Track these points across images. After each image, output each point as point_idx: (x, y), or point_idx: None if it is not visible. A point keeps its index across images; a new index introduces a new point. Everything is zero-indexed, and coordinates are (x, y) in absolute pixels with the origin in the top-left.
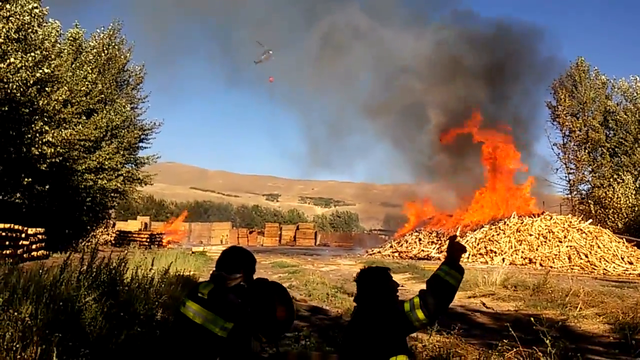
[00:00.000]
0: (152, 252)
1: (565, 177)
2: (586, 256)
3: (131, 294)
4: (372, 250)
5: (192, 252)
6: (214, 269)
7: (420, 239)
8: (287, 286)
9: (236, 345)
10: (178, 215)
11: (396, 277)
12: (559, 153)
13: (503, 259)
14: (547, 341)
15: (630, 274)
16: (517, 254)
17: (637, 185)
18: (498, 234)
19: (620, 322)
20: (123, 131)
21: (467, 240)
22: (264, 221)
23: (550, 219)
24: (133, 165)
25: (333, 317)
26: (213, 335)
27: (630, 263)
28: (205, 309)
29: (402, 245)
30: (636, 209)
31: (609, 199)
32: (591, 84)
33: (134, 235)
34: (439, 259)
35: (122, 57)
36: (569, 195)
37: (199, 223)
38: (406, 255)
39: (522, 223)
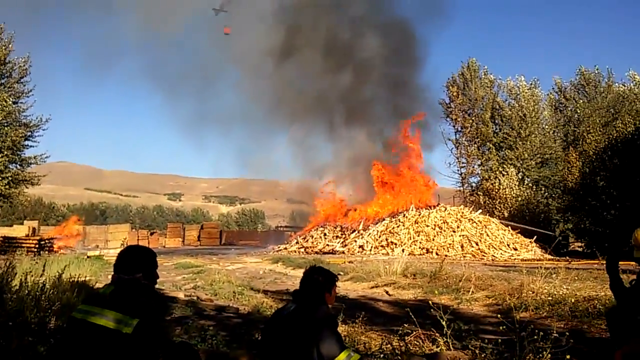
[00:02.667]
0: (43, 258)
1: (458, 170)
2: (477, 244)
3: (21, 303)
4: (279, 247)
5: (88, 257)
6: (113, 272)
7: (325, 234)
8: (192, 287)
9: (143, 341)
10: (70, 218)
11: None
12: (452, 148)
13: (403, 250)
14: (444, 323)
15: (515, 259)
16: (415, 245)
17: (520, 177)
18: (398, 226)
19: (507, 303)
20: (5, 128)
21: (369, 233)
22: (166, 222)
23: (445, 210)
24: (18, 166)
25: (240, 315)
26: (118, 334)
27: (515, 249)
28: (108, 309)
29: (307, 241)
30: (519, 198)
31: (496, 190)
32: (481, 83)
33: (20, 241)
34: (343, 252)
35: (2, 47)
36: (461, 188)
37: (94, 226)
38: (312, 250)
39: (419, 215)
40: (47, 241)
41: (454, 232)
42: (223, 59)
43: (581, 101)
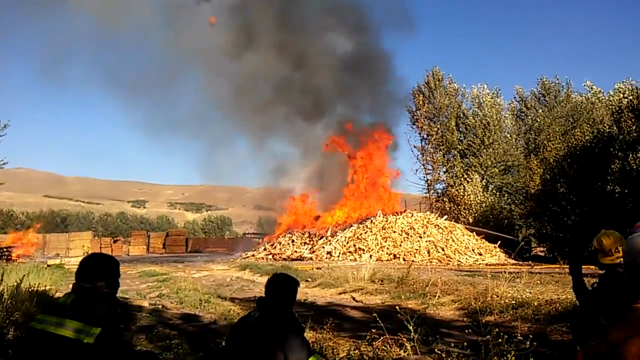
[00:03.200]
0: (0, 267)
1: (424, 177)
2: (443, 249)
3: None
4: (246, 254)
5: (48, 266)
6: (75, 280)
7: (293, 240)
8: (157, 295)
9: (105, 351)
10: (30, 226)
11: None
12: (418, 155)
13: (370, 256)
14: (411, 328)
15: (480, 263)
16: (383, 251)
17: (484, 184)
18: (366, 232)
19: (472, 307)
20: None
21: (337, 240)
22: (130, 229)
23: (411, 216)
24: None
25: (207, 323)
26: (79, 344)
27: (480, 254)
28: (68, 318)
29: (275, 248)
30: (484, 205)
31: (461, 197)
32: (446, 91)
33: None
34: (311, 259)
35: None
36: (427, 194)
37: (55, 234)
38: (280, 257)
39: (387, 221)
40: (4, 250)
41: (421, 237)
42: (181, 60)
43: (541, 110)
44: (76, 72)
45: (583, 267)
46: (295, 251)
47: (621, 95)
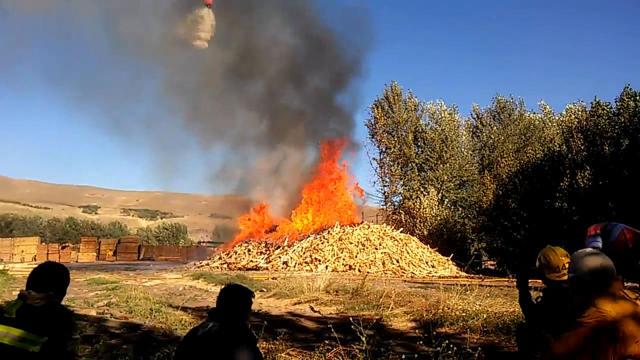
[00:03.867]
0: None
1: (382, 189)
2: (397, 261)
3: None
4: (201, 263)
5: None
6: (25, 288)
7: (249, 250)
8: (105, 304)
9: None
10: None
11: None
12: (376, 167)
13: (326, 266)
14: (363, 339)
15: (432, 275)
16: (339, 261)
17: (440, 198)
18: (322, 243)
19: (424, 319)
20: None
21: (294, 250)
22: (80, 235)
23: (368, 228)
24: None
25: (156, 333)
26: (25, 353)
27: (433, 266)
28: (14, 327)
29: (231, 257)
30: (438, 218)
31: (417, 210)
32: (405, 106)
33: None
34: (267, 268)
35: None
36: (384, 206)
37: None
38: (235, 267)
39: (344, 232)
40: None
41: (376, 249)
42: (135, 61)
43: (496, 127)
44: (23, 70)
45: (530, 281)
46: (251, 261)
47: (572, 116)
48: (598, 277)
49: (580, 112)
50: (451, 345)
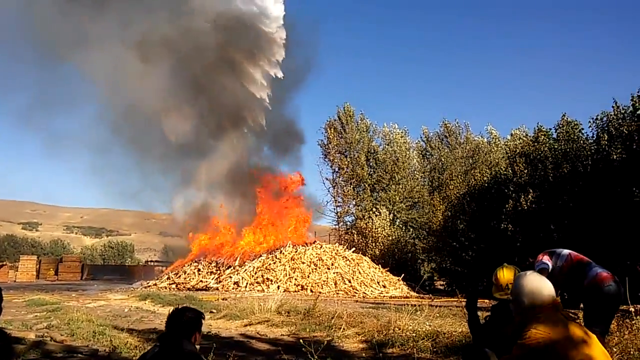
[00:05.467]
0: None
1: (334, 209)
2: (349, 281)
3: None
4: (148, 283)
5: None
6: None
7: (199, 270)
8: (45, 326)
9: None
10: None
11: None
12: (329, 187)
13: (278, 287)
14: None
15: (384, 296)
16: (291, 281)
17: (391, 218)
18: (274, 263)
19: (375, 339)
20: None
21: (245, 270)
22: (19, 253)
23: (321, 247)
24: None
25: (99, 357)
26: None
27: (384, 286)
28: None
29: (180, 277)
30: (390, 238)
31: (369, 230)
32: (357, 127)
33: None
34: (217, 289)
35: None
36: (337, 226)
37: None
38: (184, 287)
39: (296, 252)
40: None
41: (329, 269)
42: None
43: (445, 150)
44: None
45: (481, 300)
46: (201, 281)
47: (516, 141)
48: (536, 298)
49: (523, 138)
50: None
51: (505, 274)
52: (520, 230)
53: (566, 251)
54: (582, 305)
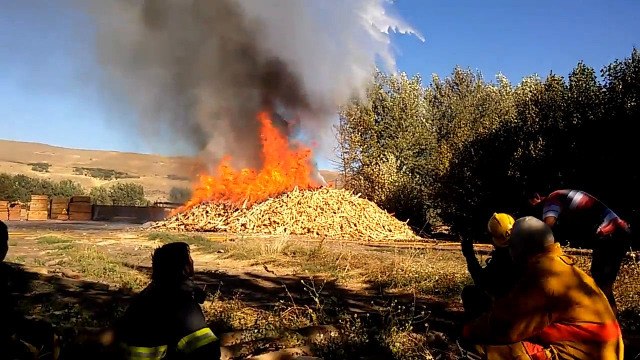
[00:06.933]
0: None
1: (341, 155)
2: (355, 225)
3: None
4: (157, 224)
5: None
6: None
7: (207, 211)
8: (57, 262)
9: None
10: None
11: None
12: (337, 134)
13: (285, 229)
14: (316, 299)
15: (389, 239)
16: (297, 224)
17: (398, 164)
18: (281, 206)
19: (378, 280)
20: None
21: (252, 212)
22: (31, 193)
23: (327, 192)
24: None
25: (110, 292)
26: None
27: (390, 230)
28: None
29: (188, 218)
30: (396, 184)
31: (375, 175)
32: (367, 73)
33: None
34: (225, 230)
35: None
36: (344, 172)
37: None
38: (192, 228)
39: (302, 196)
40: None
41: (335, 213)
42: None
43: (454, 98)
44: None
45: (482, 244)
46: (209, 222)
47: (527, 89)
48: (534, 243)
49: (535, 86)
50: (400, 305)
51: (501, 223)
52: (527, 178)
53: (579, 193)
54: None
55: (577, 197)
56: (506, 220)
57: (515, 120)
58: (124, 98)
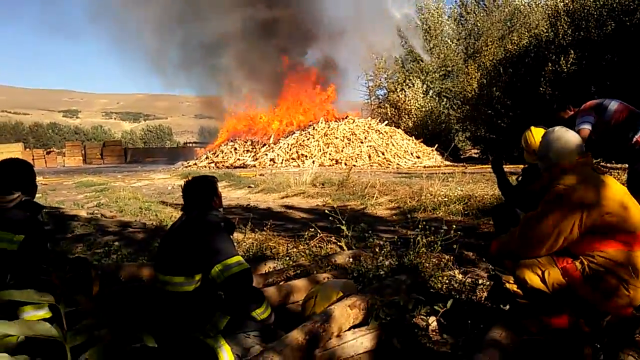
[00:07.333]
0: None
1: (365, 83)
2: (383, 154)
3: None
4: (188, 163)
5: None
6: None
7: (235, 149)
8: (95, 205)
9: (30, 257)
10: None
11: None
12: (359, 62)
13: (313, 162)
14: (343, 227)
15: (417, 166)
16: (325, 156)
17: (424, 89)
18: (308, 139)
19: (407, 206)
20: None
21: (280, 147)
22: (64, 140)
23: (353, 122)
24: None
25: (147, 229)
26: (3, 252)
27: (418, 157)
28: None
29: (217, 156)
30: (423, 110)
31: (402, 102)
32: None
33: None
34: (254, 166)
35: None
36: (369, 100)
37: None
38: (222, 165)
39: (329, 127)
40: None
41: (362, 143)
42: None
43: (481, 14)
44: None
45: (512, 166)
46: (238, 159)
47: (558, 0)
48: (564, 154)
49: None
50: (429, 227)
51: (536, 137)
52: (559, 94)
53: (615, 102)
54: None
55: (613, 105)
56: (540, 134)
57: (546, 34)
58: (144, 36)
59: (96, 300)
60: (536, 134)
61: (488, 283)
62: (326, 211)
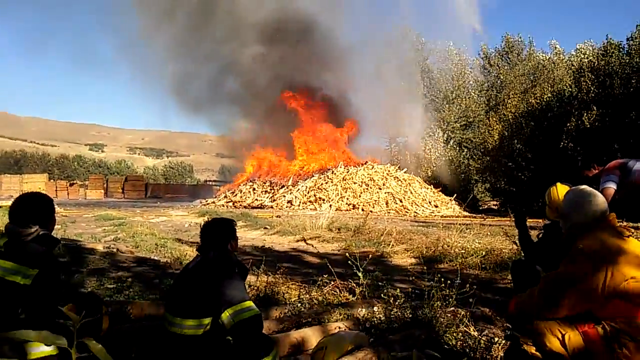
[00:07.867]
0: None
1: (386, 130)
2: (401, 201)
3: None
4: (206, 201)
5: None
6: (8, 221)
7: (254, 189)
8: (112, 239)
9: (43, 292)
10: None
11: None
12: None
13: (330, 205)
14: (360, 274)
15: (435, 215)
16: (342, 201)
17: (445, 138)
18: (326, 183)
19: (424, 256)
20: None
21: (298, 189)
22: (88, 173)
23: (372, 168)
24: None
25: (160, 266)
26: (14, 286)
27: (436, 206)
28: (3, 260)
29: (236, 195)
30: (443, 159)
31: (422, 150)
32: (412, 45)
33: None
34: (272, 207)
35: None
36: (389, 147)
37: (7, 175)
38: (240, 205)
39: (347, 172)
40: None
41: (380, 189)
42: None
43: (504, 67)
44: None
45: (533, 220)
46: (256, 199)
47: (582, 56)
48: (587, 214)
49: (590, 51)
50: (444, 280)
51: (560, 193)
52: (581, 149)
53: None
54: None
55: (638, 166)
56: (564, 192)
57: (569, 89)
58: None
59: (105, 339)
60: (561, 190)
61: (504, 342)
62: (347, 254)
